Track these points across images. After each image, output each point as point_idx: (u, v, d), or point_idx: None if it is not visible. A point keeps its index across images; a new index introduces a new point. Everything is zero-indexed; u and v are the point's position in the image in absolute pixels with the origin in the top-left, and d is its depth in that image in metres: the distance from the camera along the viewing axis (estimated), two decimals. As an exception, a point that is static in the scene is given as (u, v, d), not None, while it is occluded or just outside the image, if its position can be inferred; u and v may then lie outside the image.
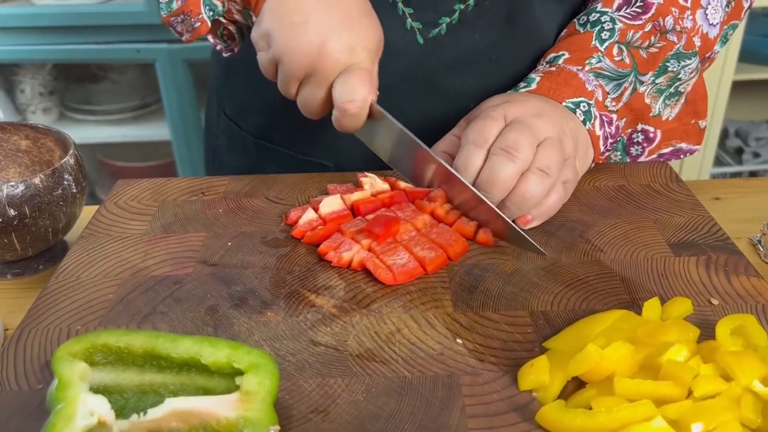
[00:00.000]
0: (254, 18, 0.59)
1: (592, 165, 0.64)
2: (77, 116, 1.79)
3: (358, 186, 0.60)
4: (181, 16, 0.61)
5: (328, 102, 0.56)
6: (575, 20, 0.67)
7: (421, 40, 0.65)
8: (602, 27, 0.63)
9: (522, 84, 0.63)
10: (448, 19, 0.65)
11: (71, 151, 0.60)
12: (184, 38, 0.63)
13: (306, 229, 0.56)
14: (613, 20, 0.63)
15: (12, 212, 0.55)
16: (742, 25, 1.62)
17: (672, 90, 0.65)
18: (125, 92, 1.79)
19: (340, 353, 0.44)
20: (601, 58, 0.62)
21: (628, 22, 0.63)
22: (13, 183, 0.55)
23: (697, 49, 0.64)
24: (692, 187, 0.63)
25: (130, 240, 0.56)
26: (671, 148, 0.68)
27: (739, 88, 1.78)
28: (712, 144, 1.76)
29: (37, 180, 0.56)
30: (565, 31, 0.67)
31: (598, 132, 0.62)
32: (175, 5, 0.61)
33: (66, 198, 0.58)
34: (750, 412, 0.38)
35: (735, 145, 1.96)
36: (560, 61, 0.63)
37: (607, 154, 0.65)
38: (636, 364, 0.41)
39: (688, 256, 0.53)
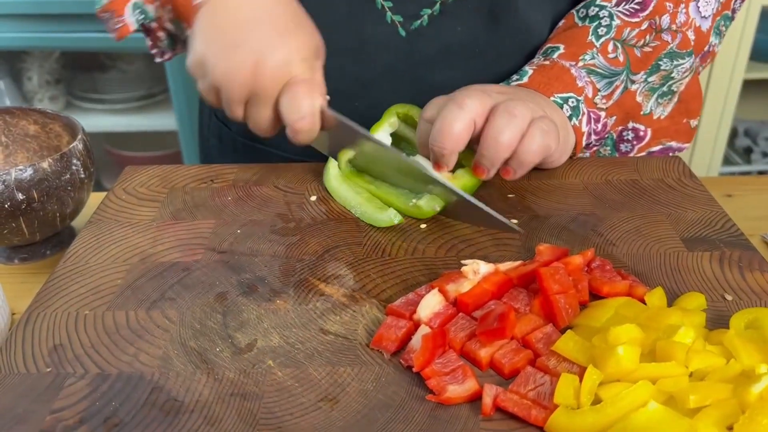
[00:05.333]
0: (187, 32, 0.58)
1: (573, 156, 0.64)
2: (84, 105, 1.78)
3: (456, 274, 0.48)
4: (108, 14, 0.60)
5: (278, 118, 0.55)
6: (574, 12, 0.66)
7: (403, 33, 0.65)
8: (600, 23, 0.63)
9: (515, 77, 0.63)
10: (429, 11, 0.64)
11: (80, 136, 0.60)
12: (111, 36, 0.62)
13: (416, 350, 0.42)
14: (611, 15, 0.63)
15: (20, 196, 0.55)
16: (753, 24, 1.61)
17: (665, 89, 0.65)
18: (133, 82, 1.79)
19: (350, 342, 0.44)
20: (595, 55, 0.62)
21: (626, 18, 0.62)
22: (21, 167, 0.55)
23: (692, 47, 0.64)
24: (704, 183, 0.63)
25: (138, 226, 0.56)
26: (661, 146, 0.68)
27: (749, 87, 1.77)
28: (721, 143, 1.74)
29: (45, 164, 0.56)
30: (563, 22, 0.67)
31: (584, 128, 0.62)
32: (104, 1, 0.60)
33: (74, 183, 0.58)
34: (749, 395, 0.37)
35: (744, 144, 1.95)
36: (555, 55, 0.63)
37: (595, 148, 0.65)
38: (645, 348, 0.41)
39: (702, 252, 0.52)
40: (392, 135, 0.62)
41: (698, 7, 0.63)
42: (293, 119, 0.53)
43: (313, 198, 0.60)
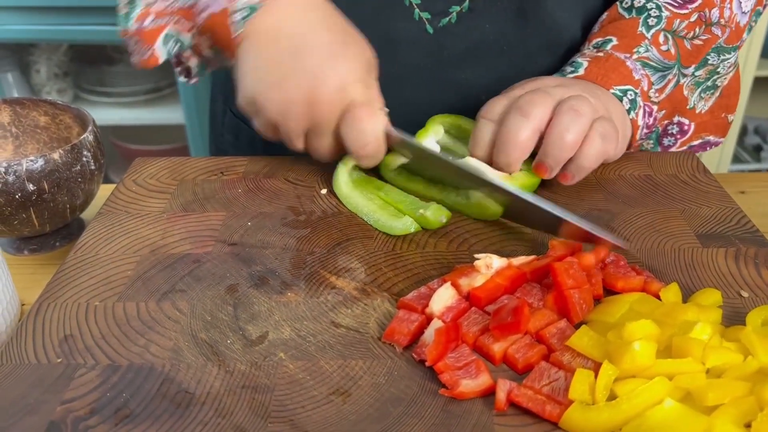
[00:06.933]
0: (229, 61, 0.57)
1: (629, 148, 0.63)
2: (91, 98, 1.79)
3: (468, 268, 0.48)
4: (133, 38, 0.57)
5: (340, 144, 0.55)
6: (617, 3, 0.65)
7: (430, 30, 0.64)
8: (649, 14, 0.62)
9: (569, 68, 0.62)
10: (458, 8, 0.63)
11: (90, 128, 0.60)
12: (132, 59, 0.59)
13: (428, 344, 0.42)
14: (659, 7, 0.62)
15: (31, 187, 0.55)
16: (764, 21, 1.60)
17: (709, 83, 0.64)
18: (140, 75, 1.79)
19: (362, 335, 0.44)
20: (649, 47, 0.61)
21: (675, 10, 0.62)
22: (32, 158, 0.55)
23: (737, 42, 0.63)
24: (717, 179, 0.62)
25: (148, 217, 0.56)
26: (700, 141, 0.68)
27: (760, 84, 1.76)
28: (731, 141, 1.73)
29: (56, 155, 0.56)
30: (606, 14, 0.66)
31: (640, 122, 0.61)
32: (132, 25, 0.56)
33: (84, 174, 0.58)
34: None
35: (754, 142, 1.94)
36: (608, 47, 0.62)
37: (640, 142, 0.64)
38: (661, 345, 0.40)
39: (717, 248, 0.52)
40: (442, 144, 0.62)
41: (740, 2, 0.63)
42: (358, 146, 0.53)
43: (324, 191, 0.59)
